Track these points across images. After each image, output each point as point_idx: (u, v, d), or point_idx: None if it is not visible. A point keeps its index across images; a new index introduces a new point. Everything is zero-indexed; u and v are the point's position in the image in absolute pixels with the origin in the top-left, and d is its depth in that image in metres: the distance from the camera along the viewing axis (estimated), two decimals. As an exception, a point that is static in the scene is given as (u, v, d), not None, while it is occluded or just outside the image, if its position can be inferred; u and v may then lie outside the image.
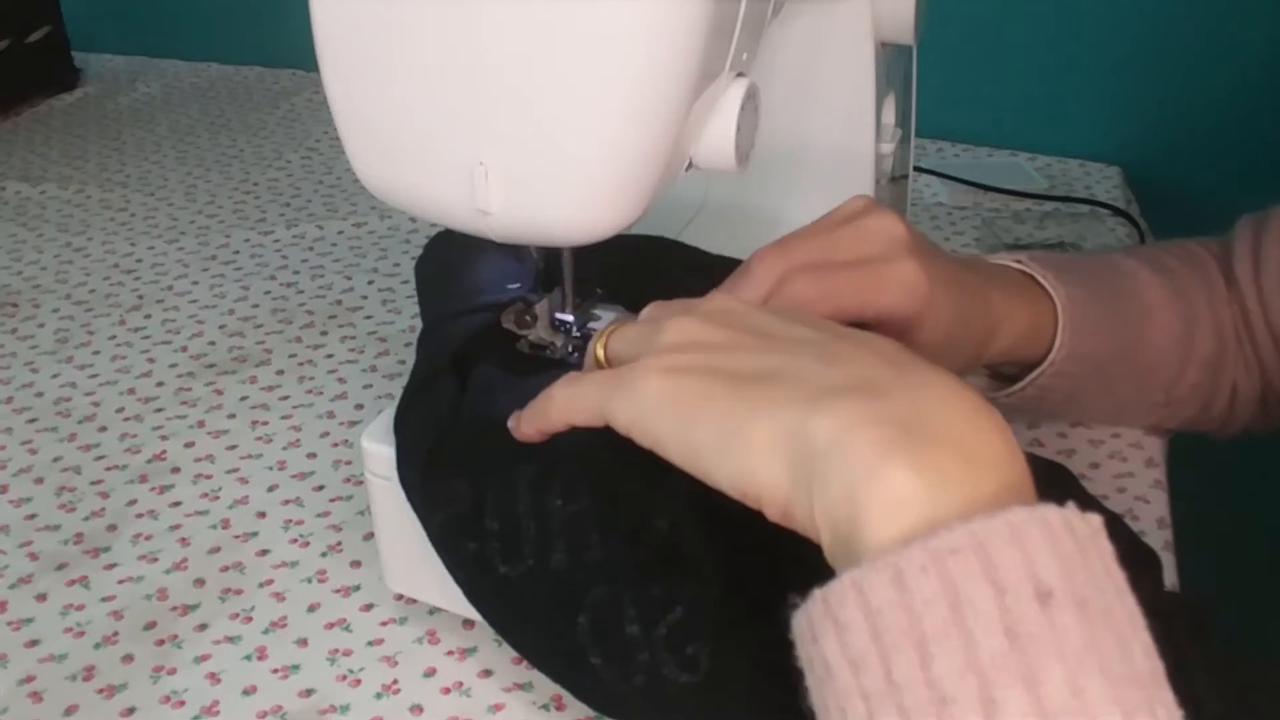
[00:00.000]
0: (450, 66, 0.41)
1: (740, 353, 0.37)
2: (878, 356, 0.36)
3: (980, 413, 0.34)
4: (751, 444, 0.35)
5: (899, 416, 0.33)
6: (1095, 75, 1.01)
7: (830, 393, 0.34)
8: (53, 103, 1.19)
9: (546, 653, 0.46)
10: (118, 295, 0.83)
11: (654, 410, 0.37)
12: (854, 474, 0.32)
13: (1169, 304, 0.59)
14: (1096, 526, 0.31)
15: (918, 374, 0.35)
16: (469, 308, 0.53)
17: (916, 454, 0.32)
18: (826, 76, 0.63)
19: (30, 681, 0.51)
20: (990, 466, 0.32)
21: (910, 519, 0.31)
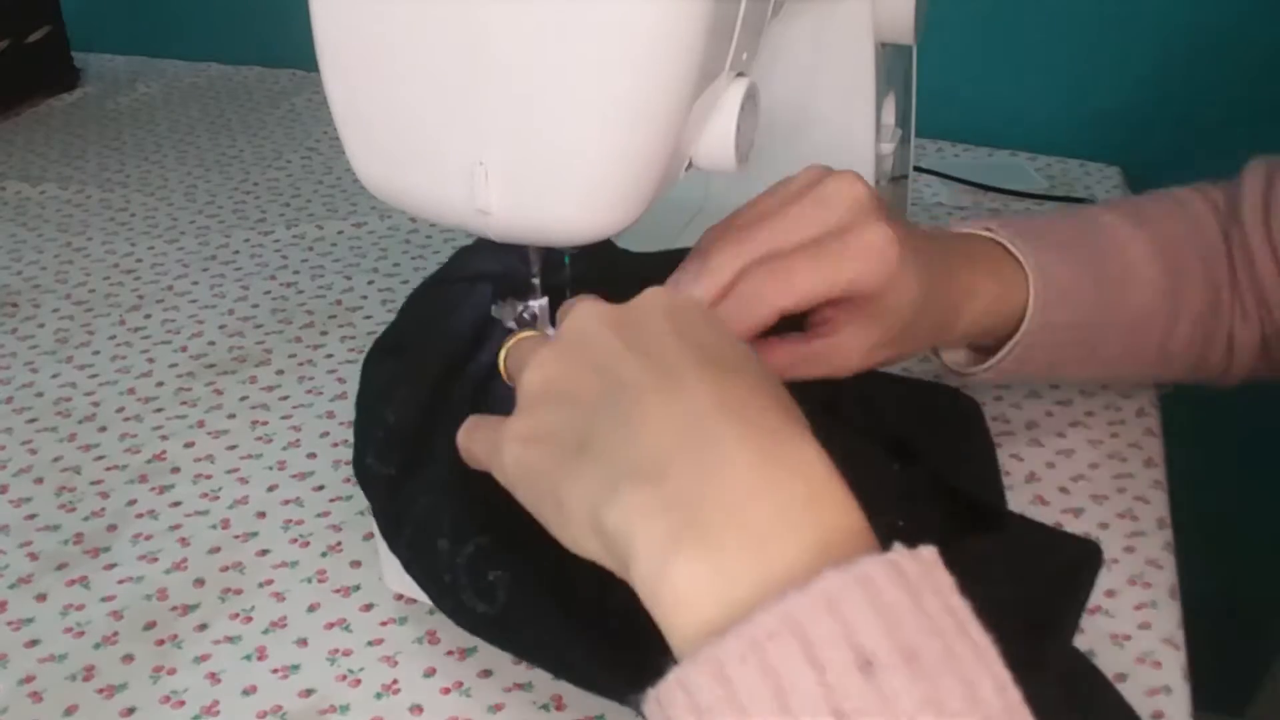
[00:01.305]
0: (450, 66, 0.41)
1: (573, 410, 0.37)
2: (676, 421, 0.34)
3: (775, 465, 0.32)
4: (572, 522, 0.35)
5: (681, 500, 0.32)
6: (1095, 75, 1.01)
7: (621, 478, 0.33)
8: (53, 103, 1.19)
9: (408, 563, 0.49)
10: (118, 295, 0.83)
11: (512, 479, 0.39)
12: (645, 570, 0.32)
13: (1152, 259, 0.58)
14: (929, 562, 0.30)
15: (712, 439, 0.33)
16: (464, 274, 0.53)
17: (698, 540, 0.31)
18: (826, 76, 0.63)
19: (30, 681, 0.51)
20: (789, 526, 0.31)
21: (710, 605, 0.30)
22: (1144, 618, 0.52)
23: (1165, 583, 0.54)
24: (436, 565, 0.47)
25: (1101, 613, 0.53)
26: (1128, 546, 0.56)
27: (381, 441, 0.49)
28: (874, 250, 0.46)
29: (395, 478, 0.49)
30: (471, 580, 0.46)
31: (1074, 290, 0.56)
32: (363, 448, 0.50)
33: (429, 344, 0.51)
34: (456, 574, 0.46)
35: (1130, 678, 0.49)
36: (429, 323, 0.52)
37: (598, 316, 0.39)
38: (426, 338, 0.51)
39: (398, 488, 0.49)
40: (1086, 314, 0.57)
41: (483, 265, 0.53)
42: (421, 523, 0.48)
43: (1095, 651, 0.50)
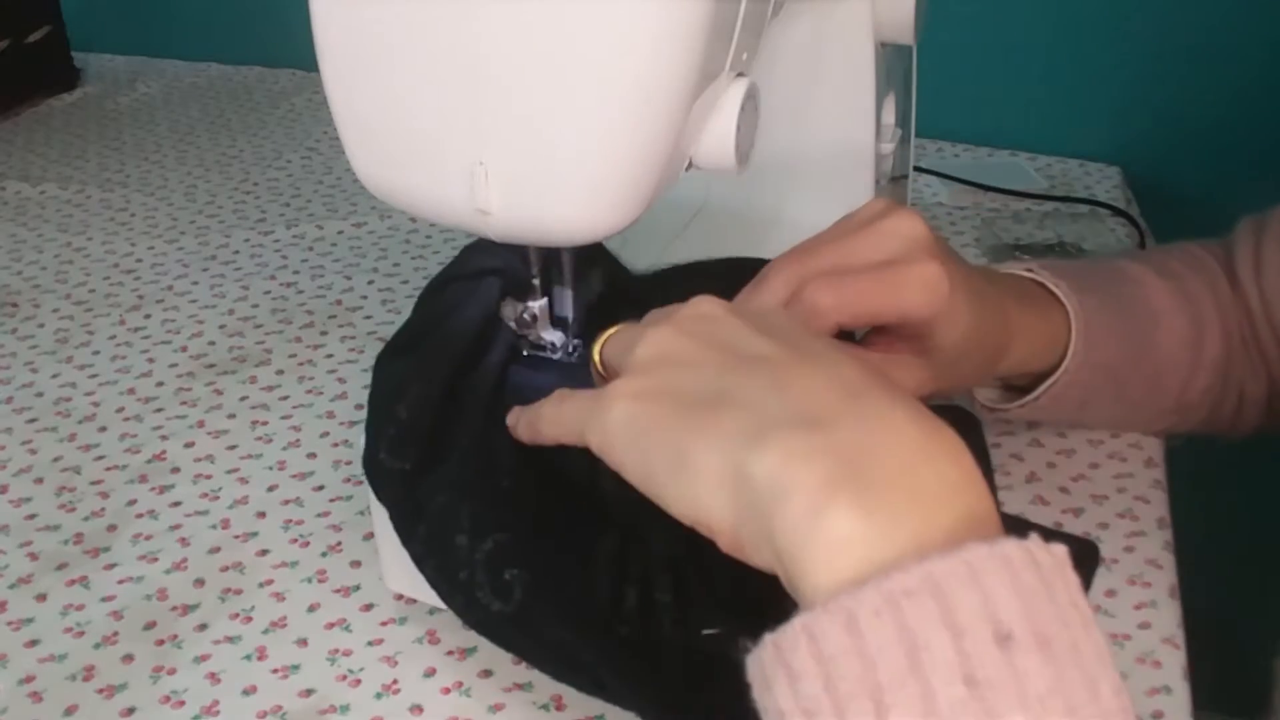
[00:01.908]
0: (450, 66, 0.41)
1: (699, 371, 0.37)
2: (832, 382, 0.35)
3: (936, 441, 0.33)
4: (699, 476, 0.34)
5: (844, 450, 0.32)
6: (1095, 75, 1.01)
7: (774, 425, 0.33)
8: (53, 103, 1.19)
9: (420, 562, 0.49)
10: (118, 295, 0.83)
11: (616, 437, 0.37)
12: (796, 513, 0.31)
13: (1178, 309, 0.59)
14: (1061, 558, 0.30)
15: (871, 401, 0.34)
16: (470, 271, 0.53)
17: (861, 490, 0.31)
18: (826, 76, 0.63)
19: (30, 681, 0.51)
20: (944, 499, 0.31)
21: (856, 559, 0.30)
22: (1144, 618, 0.52)
23: (1165, 583, 0.54)
24: (453, 561, 0.47)
25: (1101, 613, 0.53)
26: (1128, 546, 0.56)
27: (394, 438, 0.49)
28: (929, 283, 0.47)
29: (409, 473, 0.49)
30: (488, 577, 0.45)
31: (1111, 332, 0.57)
32: (374, 444, 0.50)
33: (439, 341, 0.51)
34: (474, 570, 0.46)
35: (1130, 678, 0.49)
36: (437, 320, 0.52)
37: (719, 304, 0.40)
38: (436, 335, 0.51)
39: (413, 483, 0.49)
40: (1121, 356, 0.58)
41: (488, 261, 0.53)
42: (438, 519, 0.47)
43: (1095, 651, 0.50)
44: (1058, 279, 0.57)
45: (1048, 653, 0.28)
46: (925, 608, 0.28)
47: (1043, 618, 0.29)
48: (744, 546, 0.34)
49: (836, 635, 0.29)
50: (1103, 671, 0.29)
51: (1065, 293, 0.57)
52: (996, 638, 0.28)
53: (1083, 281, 0.58)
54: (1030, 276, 0.58)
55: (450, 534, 0.47)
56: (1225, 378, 0.61)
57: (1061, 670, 0.28)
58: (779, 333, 0.38)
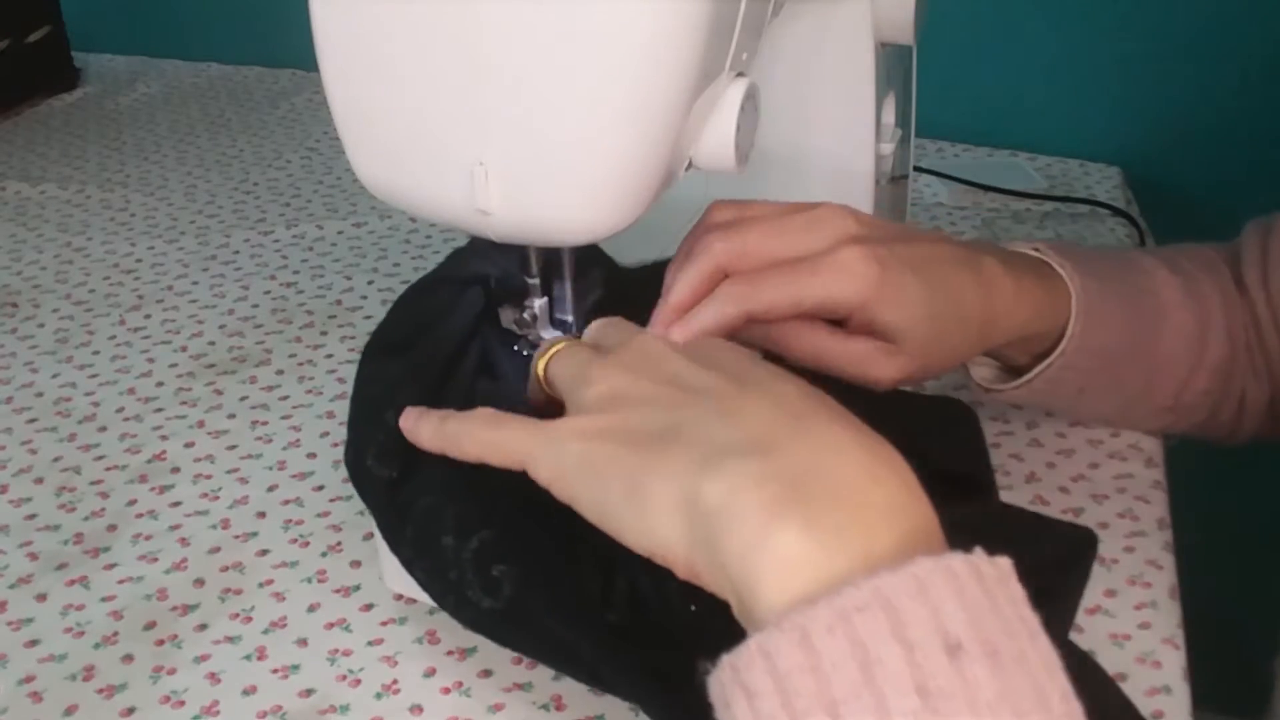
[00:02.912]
0: (450, 66, 0.41)
1: (649, 408, 0.38)
2: (777, 408, 0.36)
3: (880, 460, 0.34)
4: (651, 506, 0.35)
5: (790, 474, 0.33)
6: (1095, 75, 1.01)
7: (722, 453, 0.34)
8: (53, 103, 1.19)
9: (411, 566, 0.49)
10: (118, 295, 0.83)
11: (571, 473, 0.39)
12: (746, 537, 0.32)
13: (1185, 305, 0.59)
14: (1005, 570, 0.31)
15: (814, 424, 0.35)
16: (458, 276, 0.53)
17: (807, 512, 0.32)
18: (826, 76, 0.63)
19: (30, 681, 0.51)
20: (889, 516, 0.32)
21: (805, 579, 0.31)
22: (1144, 618, 0.52)
23: (1165, 583, 0.54)
24: (441, 562, 0.47)
25: (1101, 613, 0.53)
26: (1128, 546, 0.56)
27: (382, 444, 0.49)
28: (846, 269, 0.48)
29: (395, 480, 0.49)
30: (477, 575, 0.46)
31: (1114, 317, 0.57)
32: (361, 448, 0.50)
33: (427, 346, 0.51)
34: (462, 569, 0.46)
35: (1130, 678, 0.49)
36: (426, 325, 0.52)
37: (661, 340, 0.42)
38: (424, 339, 0.51)
39: (397, 489, 0.49)
40: (1122, 344, 0.58)
41: (477, 268, 0.53)
42: (424, 521, 0.48)
43: (1095, 651, 0.50)
44: (1063, 258, 0.57)
45: (996, 661, 0.29)
46: (876, 622, 0.29)
47: (989, 628, 0.29)
48: (699, 574, 0.35)
49: (791, 652, 0.29)
50: (1050, 679, 0.30)
51: (1069, 272, 0.56)
52: (947, 648, 0.29)
53: (1090, 265, 0.57)
54: (1036, 255, 0.57)
55: (436, 535, 0.47)
56: (1227, 381, 0.60)
57: (1009, 679, 0.29)
58: (722, 364, 0.40)
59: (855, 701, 0.28)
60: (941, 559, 0.30)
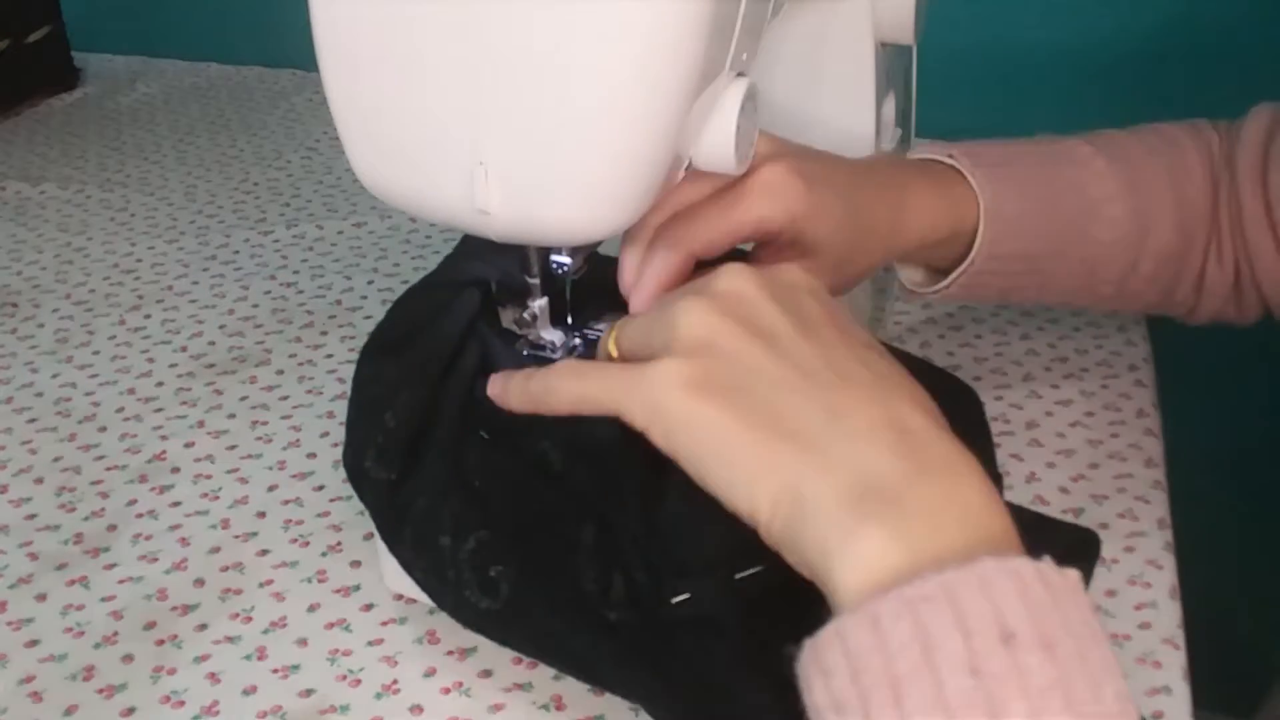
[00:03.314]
0: (450, 66, 0.41)
1: (754, 377, 0.39)
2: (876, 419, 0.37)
3: (964, 473, 0.36)
4: (756, 491, 0.37)
5: (879, 483, 0.35)
6: (1095, 75, 1.01)
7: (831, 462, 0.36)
8: (53, 103, 1.19)
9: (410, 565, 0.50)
10: (118, 295, 0.83)
11: (675, 427, 0.39)
12: (833, 538, 0.35)
13: (1119, 197, 0.58)
14: (1074, 581, 0.33)
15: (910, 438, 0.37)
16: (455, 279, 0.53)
17: (895, 518, 0.35)
18: (826, 76, 0.63)
19: (30, 681, 0.51)
20: (967, 525, 0.35)
21: (880, 574, 0.34)
22: (1144, 618, 0.52)
23: (1165, 583, 0.54)
24: (439, 563, 0.47)
25: (1101, 613, 0.53)
26: (1128, 546, 0.56)
27: (381, 446, 0.49)
28: (773, 186, 0.48)
29: (394, 481, 0.49)
30: (475, 576, 0.46)
31: (1027, 222, 0.57)
32: (360, 450, 0.50)
33: (425, 346, 0.51)
34: (460, 570, 0.46)
35: (1130, 678, 0.49)
36: (423, 326, 0.52)
37: (752, 281, 0.41)
38: (422, 340, 0.51)
39: (396, 491, 0.49)
40: (1039, 246, 0.58)
41: (473, 271, 0.53)
42: (422, 522, 0.48)
43: (1095, 651, 0.50)
44: (975, 166, 0.57)
45: (1051, 654, 0.31)
46: (940, 611, 0.32)
47: (1049, 625, 0.31)
48: (783, 550, 0.37)
49: (862, 635, 0.32)
50: (1108, 679, 0.32)
51: (979, 182, 0.56)
52: (1002, 637, 0.31)
53: (1005, 169, 0.57)
54: (949, 162, 0.57)
55: (434, 536, 0.47)
56: (1179, 265, 0.60)
57: (1064, 671, 0.31)
58: (821, 337, 0.40)
59: (915, 679, 0.31)
60: (1008, 561, 0.32)
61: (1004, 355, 0.72)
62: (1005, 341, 0.73)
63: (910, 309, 0.77)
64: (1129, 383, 0.69)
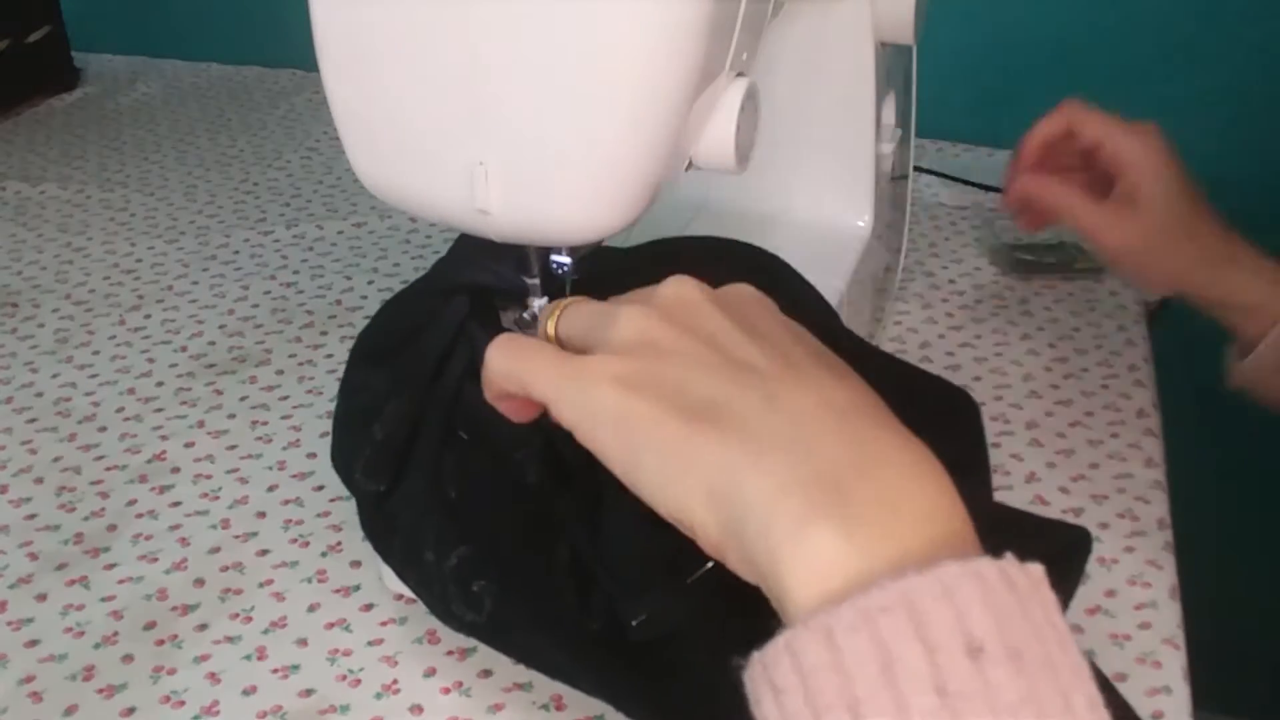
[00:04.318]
0: (450, 66, 0.41)
1: (689, 370, 0.36)
2: (822, 403, 0.35)
3: (919, 465, 0.34)
4: (686, 486, 0.35)
5: (829, 475, 0.33)
6: (1095, 75, 1.01)
7: (768, 449, 0.34)
8: (53, 103, 1.19)
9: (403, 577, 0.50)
10: (118, 295, 0.83)
11: (603, 425, 0.36)
12: (780, 538, 0.32)
13: None
14: (1037, 577, 0.31)
15: (858, 425, 0.34)
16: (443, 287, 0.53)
17: (844, 515, 0.32)
18: (826, 76, 0.63)
19: (30, 681, 0.51)
20: (924, 521, 0.32)
21: (835, 581, 0.31)
22: (1144, 618, 0.52)
23: (1165, 583, 0.54)
24: (425, 576, 0.47)
25: (1101, 613, 0.53)
26: (1128, 546, 0.56)
27: (369, 458, 0.49)
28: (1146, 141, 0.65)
29: (383, 493, 0.49)
30: (459, 590, 0.46)
31: None
32: (349, 461, 0.50)
33: (412, 358, 0.51)
34: (445, 584, 0.47)
35: (1130, 678, 0.49)
36: (410, 336, 0.52)
37: (696, 290, 0.39)
38: (408, 352, 0.51)
39: (384, 502, 0.49)
40: None
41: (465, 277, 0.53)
42: (407, 535, 0.48)
43: (1095, 651, 0.50)
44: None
45: (1019, 665, 0.29)
46: (899, 623, 0.29)
47: (1016, 632, 0.29)
48: (728, 558, 0.35)
49: (815, 650, 0.30)
50: (1078, 685, 0.30)
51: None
52: (968, 650, 0.29)
53: None
54: None
55: (419, 549, 0.47)
56: None
57: (1033, 682, 0.29)
58: (765, 336, 0.38)
59: (875, 700, 0.29)
60: (970, 563, 0.30)
61: (1004, 355, 0.72)
62: (1005, 341, 0.73)
63: (910, 309, 0.77)
64: (1129, 383, 0.69)
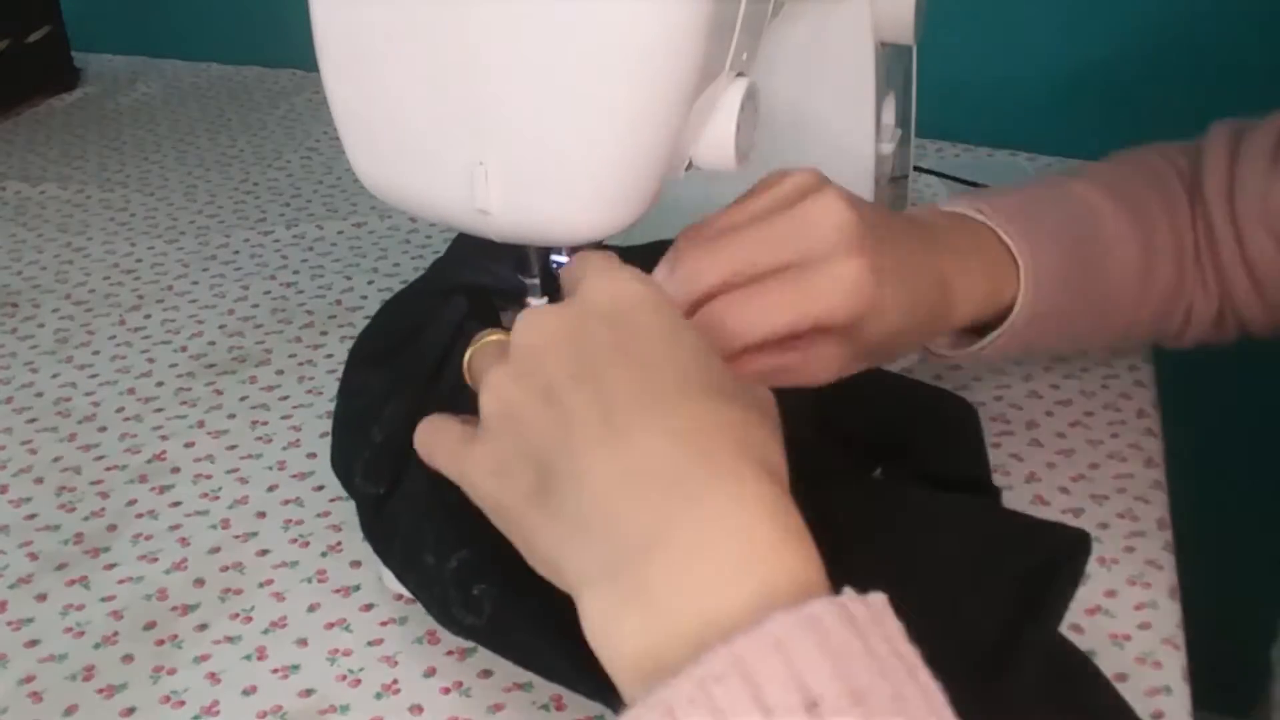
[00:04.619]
0: (450, 66, 0.41)
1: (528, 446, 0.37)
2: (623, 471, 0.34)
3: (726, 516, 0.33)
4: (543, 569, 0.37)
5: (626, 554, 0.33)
6: (1095, 75, 1.01)
7: (576, 533, 0.35)
8: (53, 103, 1.19)
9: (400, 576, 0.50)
10: (118, 295, 0.83)
11: (488, 509, 0.39)
12: (593, 629, 0.33)
13: (1130, 237, 0.58)
14: (879, 608, 0.30)
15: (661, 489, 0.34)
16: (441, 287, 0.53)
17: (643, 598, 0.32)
18: (826, 76, 0.63)
19: (30, 681, 0.51)
20: (738, 573, 0.32)
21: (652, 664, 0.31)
22: (1144, 618, 0.52)
23: (1165, 583, 0.54)
24: (425, 579, 0.47)
25: (1101, 613, 0.53)
26: (1128, 546, 0.56)
27: (369, 461, 0.49)
28: (846, 284, 0.45)
29: (382, 496, 0.49)
30: (459, 593, 0.46)
31: (1060, 279, 0.56)
32: (349, 463, 0.50)
33: (410, 359, 0.51)
34: (445, 587, 0.47)
35: (1130, 678, 0.49)
36: (408, 337, 0.52)
37: (543, 331, 0.38)
38: (406, 354, 0.51)
39: (383, 505, 0.49)
40: (1069, 301, 0.57)
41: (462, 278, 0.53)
42: (407, 538, 0.48)
43: (1095, 651, 0.50)
44: (1010, 225, 0.54)
45: (862, 709, 0.28)
46: (734, 690, 0.28)
47: (856, 673, 0.29)
48: None
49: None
50: (930, 713, 0.29)
51: (1017, 245, 0.54)
52: (805, 705, 0.28)
53: (1034, 223, 0.55)
54: (979, 219, 0.55)
55: (418, 553, 0.47)
56: (1174, 300, 0.60)
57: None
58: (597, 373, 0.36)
59: None
60: (801, 609, 0.29)
61: (1004, 355, 0.72)
62: (1005, 341, 0.73)
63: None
64: (1129, 383, 0.69)
